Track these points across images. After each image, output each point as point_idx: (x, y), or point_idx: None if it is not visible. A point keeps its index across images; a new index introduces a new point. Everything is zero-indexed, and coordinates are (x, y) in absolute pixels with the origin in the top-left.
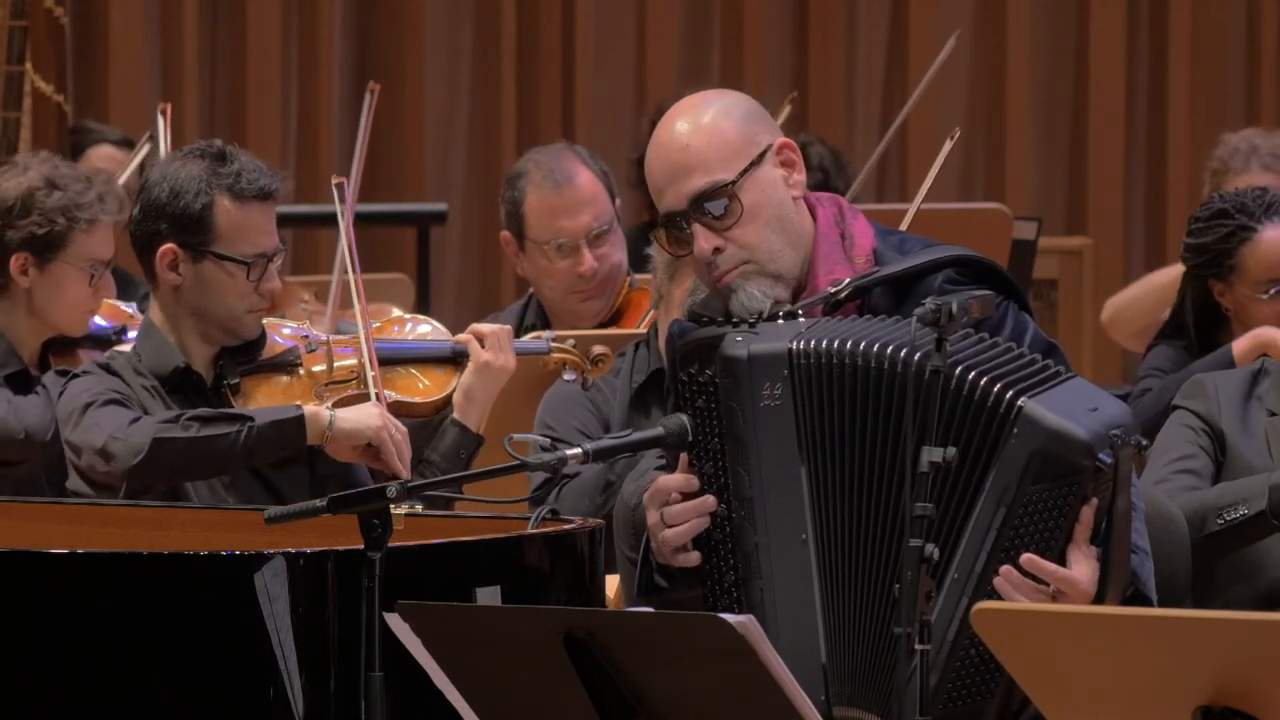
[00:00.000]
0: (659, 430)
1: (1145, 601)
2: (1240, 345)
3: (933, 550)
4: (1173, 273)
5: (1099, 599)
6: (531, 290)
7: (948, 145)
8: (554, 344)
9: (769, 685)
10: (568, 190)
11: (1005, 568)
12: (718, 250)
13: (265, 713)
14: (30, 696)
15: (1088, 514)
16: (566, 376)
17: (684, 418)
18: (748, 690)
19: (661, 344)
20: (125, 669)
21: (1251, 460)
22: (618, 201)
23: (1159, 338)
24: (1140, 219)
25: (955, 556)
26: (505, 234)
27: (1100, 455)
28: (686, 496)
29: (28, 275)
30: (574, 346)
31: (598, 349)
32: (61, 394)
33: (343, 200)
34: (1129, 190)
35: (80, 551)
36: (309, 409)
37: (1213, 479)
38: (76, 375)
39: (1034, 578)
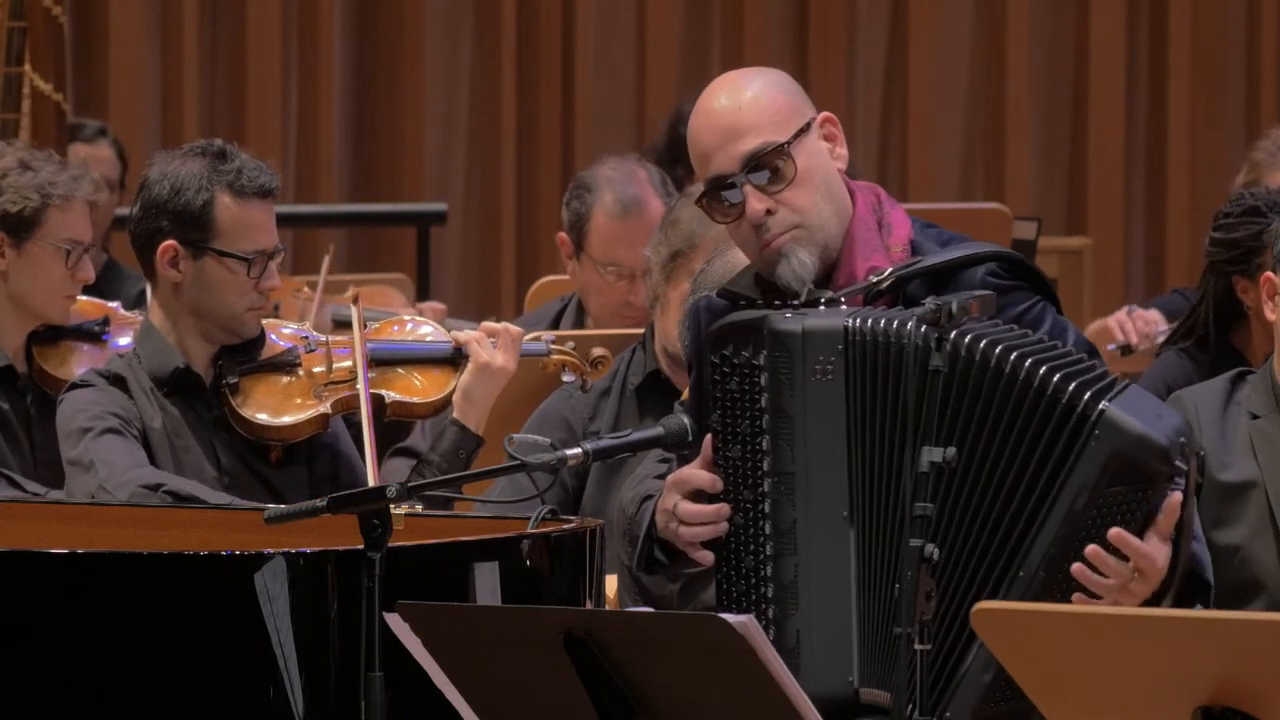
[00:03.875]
0: (659, 430)
1: (1204, 586)
2: None
3: (933, 550)
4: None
5: (1163, 591)
6: (574, 295)
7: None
8: (553, 345)
9: (769, 685)
10: (635, 220)
11: (1092, 547)
12: (769, 212)
13: (265, 713)
14: (30, 696)
15: (1174, 503)
16: (566, 378)
17: (684, 418)
18: (748, 690)
19: (657, 346)
20: (125, 669)
21: (1230, 474)
22: None
23: (1169, 341)
24: (1140, 219)
25: (1027, 553)
26: (562, 236)
27: (1176, 461)
28: (707, 498)
29: (4, 256)
30: (573, 348)
31: (597, 351)
32: (62, 403)
33: (361, 321)
34: (1129, 190)
35: (80, 551)
36: None
37: None
38: (77, 385)
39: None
